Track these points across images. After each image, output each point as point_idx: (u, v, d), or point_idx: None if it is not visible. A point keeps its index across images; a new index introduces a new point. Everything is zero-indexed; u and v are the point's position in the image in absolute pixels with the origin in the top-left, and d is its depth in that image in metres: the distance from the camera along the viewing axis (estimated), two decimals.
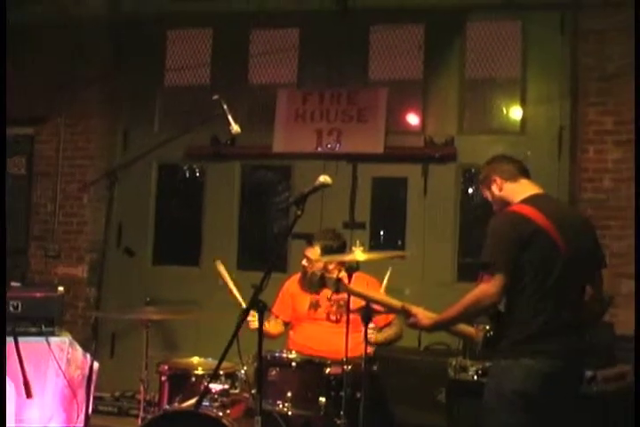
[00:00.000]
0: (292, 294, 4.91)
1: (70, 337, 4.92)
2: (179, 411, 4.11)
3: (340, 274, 4.58)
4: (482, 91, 6.52)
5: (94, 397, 4.81)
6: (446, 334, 3.82)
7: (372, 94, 6.44)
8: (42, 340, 4.69)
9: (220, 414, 3.97)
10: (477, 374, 4.50)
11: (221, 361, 3.42)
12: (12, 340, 3.97)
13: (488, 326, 3.40)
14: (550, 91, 6.20)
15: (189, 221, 7.05)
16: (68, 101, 6.90)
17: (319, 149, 6.46)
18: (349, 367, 4.03)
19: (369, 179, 6.52)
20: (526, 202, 3.46)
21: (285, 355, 4.20)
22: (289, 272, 5.72)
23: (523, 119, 6.32)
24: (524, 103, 6.31)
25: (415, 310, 3.49)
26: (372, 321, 4.17)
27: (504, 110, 6.45)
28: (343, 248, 4.78)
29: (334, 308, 4.71)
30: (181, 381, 4.31)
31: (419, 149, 6.41)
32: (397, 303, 3.61)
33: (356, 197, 6.47)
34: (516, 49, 6.34)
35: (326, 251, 4.71)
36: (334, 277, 4.63)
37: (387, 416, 4.67)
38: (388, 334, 4.68)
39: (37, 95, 6.90)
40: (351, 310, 4.10)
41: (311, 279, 4.82)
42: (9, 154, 6.50)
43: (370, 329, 4.16)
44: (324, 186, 3.53)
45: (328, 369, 4.10)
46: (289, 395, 4.07)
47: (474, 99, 6.49)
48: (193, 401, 3.95)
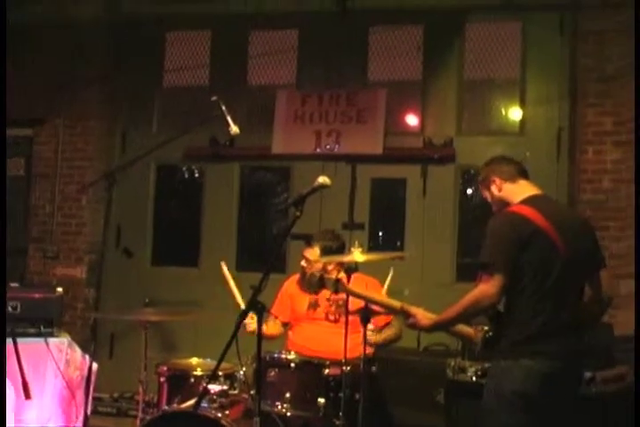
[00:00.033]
0: (290, 294, 4.91)
1: (69, 338, 4.91)
2: (178, 412, 4.11)
3: (339, 275, 4.58)
4: (481, 92, 6.52)
5: (93, 398, 4.82)
6: (445, 335, 3.82)
7: (371, 95, 6.45)
8: (40, 341, 4.68)
9: (219, 414, 3.98)
10: (476, 374, 4.50)
11: (220, 362, 3.42)
12: (10, 341, 3.97)
13: (487, 326, 3.40)
14: (549, 92, 6.20)
15: (188, 223, 7.05)
16: (66, 103, 6.90)
17: (318, 150, 6.46)
18: (348, 368, 4.03)
19: (368, 180, 6.52)
20: (525, 203, 3.46)
21: (284, 356, 4.20)
22: (288, 273, 5.71)
23: (522, 120, 6.33)
24: (523, 104, 6.31)
25: (414, 310, 3.49)
26: (371, 322, 4.17)
27: (503, 111, 6.45)
28: (342, 249, 4.78)
29: (333, 308, 4.70)
30: (180, 382, 4.30)
31: (418, 150, 6.42)
32: (396, 304, 3.60)
33: (355, 197, 6.47)
34: (515, 50, 6.34)
35: (325, 252, 4.70)
36: (333, 277, 4.62)
37: (386, 417, 4.67)
38: (387, 334, 4.66)
39: (36, 96, 6.89)
40: (350, 311, 4.09)
41: (310, 280, 4.82)
42: (8, 155, 6.49)
43: (369, 330, 4.16)
44: (322, 187, 3.53)
45: (327, 370, 4.09)
46: (288, 396, 4.06)
47: (473, 100, 6.50)
48: (192, 402, 3.96)
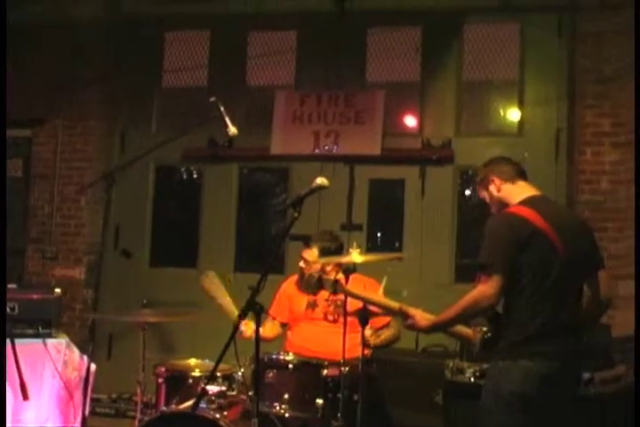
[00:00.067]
0: (289, 295, 4.91)
1: (67, 339, 4.90)
2: (176, 413, 4.10)
3: (338, 276, 4.58)
4: (479, 93, 6.53)
5: (91, 398, 4.81)
6: (444, 336, 3.82)
7: (369, 96, 6.45)
8: (39, 341, 4.67)
9: (217, 415, 3.96)
10: (474, 375, 4.49)
11: (218, 363, 3.42)
12: (8, 342, 3.96)
13: (486, 327, 3.40)
14: (548, 93, 6.21)
15: (187, 223, 7.04)
16: (65, 103, 6.90)
17: (316, 151, 6.46)
18: (347, 369, 4.03)
19: (366, 181, 6.52)
20: (524, 204, 3.46)
21: (282, 357, 4.19)
22: (286, 274, 5.71)
23: (520, 121, 6.33)
24: (521, 105, 6.32)
25: (413, 311, 3.49)
26: (369, 323, 4.16)
27: (501, 112, 6.46)
28: (340, 250, 4.78)
29: (332, 308, 4.70)
30: (178, 383, 4.30)
31: (416, 151, 6.42)
32: (395, 305, 3.60)
33: (353, 198, 6.47)
34: (514, 51, 6.35)
35: (324, 252, 4.70)
36: (332, 278, 4.63)
37: (384, 418, 4.67)
38: (385, 335, 4.66)
39: (35, 97, 6.89)
40: (348, 312, 4.09)
41: (308, 281, 4.82)
42: (7, 156, 6.48)
43: (367, 331, 4.16)
44: (320, 188, 3.53)
45: (325, 371, 4.08)
46: (286, 397, 4.05)
47: (471, 101, 6.50)
48: (190, 403, 3.96)
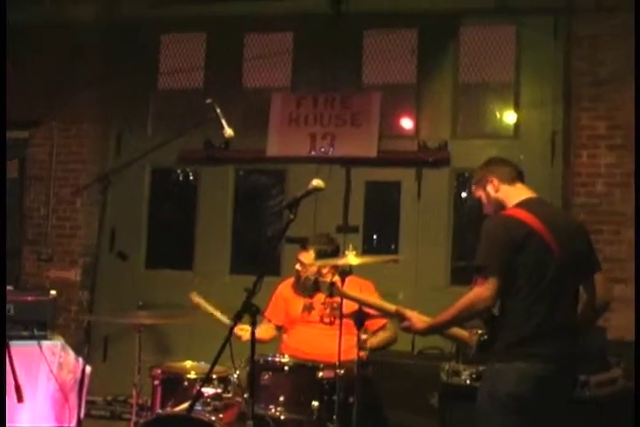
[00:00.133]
0: (285, 298, 4.90)
1: (62, 341, 4.90)
2: (171, 415, 4.10)
3: (334, 278, 4.57)
4: (475, 95, 6.53)
5: (86, 401, 4.80)
6: (440, 339, 3.82)
7: (365, 98, 6.45)
8: (34, 344, 4.66)
9: (213, 418, 3.97)
10: (470, 378, 4.50)
11: (214, 365, 3.42)
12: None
13: (482, 329, 3.40)
14: (544, 95, 6.21)
15: (182, 225, 7.03)
16: (61, 105, 6.90)
17: (313, 153, 6.46)
18: (342, 371, 4.02)
19: (362, 183, 6.52)
20: (521, 206, 3.47)
21: (278, 359, 4.20)
22: (282, 276, 5.71)
23: (516, 124, 6.33)
24: (517, 108, 6.32)
25: (409, 313, 3.49)
26: (366, 325, 4.16)
27: (497, 115, 6.46)
28: (337, 252, 4.78)
29: (328, 310, 4.70)
30: (174, 385, 4.30)
31: (412, 154, 6.42)
32: (391, 307, 3.60)
33: (349, 201, 6.47)
34: (510, 53, 6.35)
35: (320, 255, 4.70)
36: (328, 281, 4.62)
37: (380, 421, 4.67)
38: (381, 337, 4.66)
39: (31, 99, 6.88)
40: (344, 314, 4.09)
41: (305, 283, 4.82)
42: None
43: (362, 336, 4.15)
44: (316, 190, 3.53)
45: (321, 373, 4.09)
46: (281, 399, 4.06)
47: (467, 103, 6.50)
48: (186, 405, 3.95)
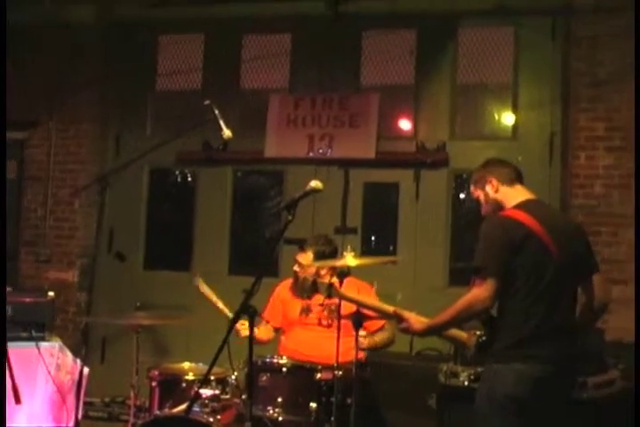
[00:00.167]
0: (282, 299, 4.90)
1: (60, 342, 4.89)
2: (169, 416, 4.10)
3: (332, 279, 4.57)
4: (473, 96, 6.53)
5: (84, 402, 4.81)
6: (438, 340, 3.81)
7: (363, 100, 6.45)
8: (32, 345, 4.67)
9: (211, 419, 3.97)
10: (468, 379, 4.49)
11: (212, 366, 3.41)
12: None
13: (481, 330, 3.40)
14: (542, 96, 6.21)
15: (181, 227, 7.03)
16: (59, 106, 6.89)
17: (311, 154, 6.45)
18: (340, 373, 4.02)
19: (360, 184, 6.52)
20: (519, 207, 3.47)
21: (276, 360, 4.20)
22: (280, 277, 5.70)
23: (514, 125, 6.33)
24: (515, 109, 6.32)
25: (407, 314, 3.49)
26: (363, 326, 4.16)
27: (496, 116, 6.46)
28: (335, 253, 4.78)
29: (326, 313, 4.70)
30: (172, 386, 4.30)
31: (410, 155, 6.42)
32: (389, 308, 3.60)
33: (347, 202, 6.47)
34: (508, 54, 6.35)
35: (319, 256, 4.70)
36: (326, 282, 4.62)
37: (378, 422, 4.66)
38: (379, 338, 4.67)
39: (29, 99, 6.88)
40: (342, 315, 4.09)
41: (303, 285, 4.82)
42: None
43: (360, 337, 4.15)
44: (314, 191, 3.53)
45: (319, 375, 4.09)
46: (279, 400, 4.06)
47: (465, 104, 6.50)
48: (183, 407, 3.96)
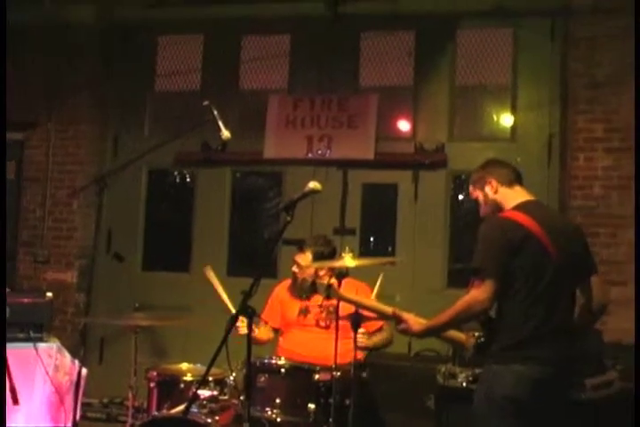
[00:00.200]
0: (281, 300, 4.90)
1: (58, 343, 4.89)
2: (167, 417, 4.10)
3: (331, 280, 4.57)
4: (472, 97, 6.53)
5: (82, 403, 4.78)
6: (436, 341, 3.82)
7: (362, 101, 6.45)
8: (30, 346, 4.66)
9: (209, 420, 3.97)
10: (467, 380, 4.49)
11: (210, 367, 3.41)
12: None
13: (479, 332, 3.40)
14: (540, 97, 6.21)
15: (179, 227, 7.02)
16: (58, 106, 6.89)
17: (310, 155, 6.45)
18: (338, 374, 4.02)
19: (359, 185, 6.52)
20: (518, 208, 3.47)
21: (274, 361, 4.19)
22: (279, 278, 5.71)
23: (513, 126, 6.34)
24: (514, 110, 6.32)
25: (406, 315, 3.49)
26: (362, 327, 4.16)
27: (494, 117, 6.46)
28: (333, 254, 4.78)
29: (324, 314, 4.70)
30: (170, 387, 4.29)
31: (409, 156, 6.42)
32: (388, 309, 3.60)
33: (346, 203, 6.46)
34: (507, 56, 6.35)
35: (317, 257, 4.70)
36: (325, 282, 4.62)
37: (376, 423, 4.66)
38: (377, 339, 4.67)
39: (28, 100, 6.87)
40: (340, 316, 4.09)
41: (302, 285, 4.82)
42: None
43: (360, 334, 4.15)
44: (313, 192, 3.53)
45: (317, 376, 4.08)
46: (278, 401, 4.06)
47: (464, 105, 6.50)
48: (182, 407, 3.95)
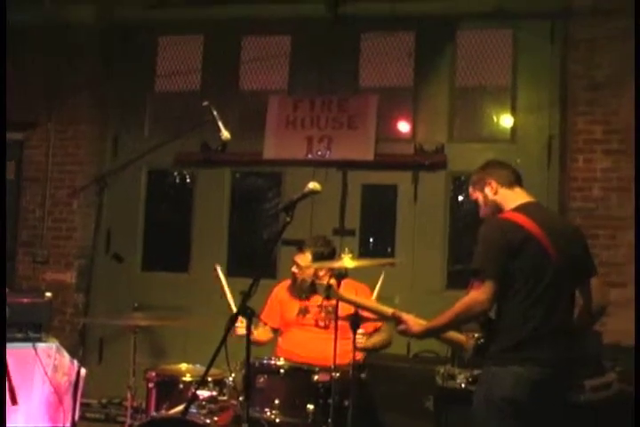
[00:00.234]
0: (280, 300, 4.90)
1: (57, 343, 4.88)
2: (166, 418, 4.09)
3: (331, 280, 4.57)
4: (472, 99, 6.53)
5: (81, 403, 4.79)
6: (435, 342, 3.82)
7: (362, 101, 6.45)
8: (29, 346, 4.66)
9: (208, 421, 3.97)
10: (465, 381, 4.49)
11: (209, 368, 3.42)
12: None
13: (479, 333, 3.40)
14: (540, 99, 6.21)
15: (179, 228, 7.01)
16: (58, 107, 6.88)
17: (309, 156, 6.45)
18: (337, 375, 4.02)
19: (359, 186, 6.52)
20: (518, 210, 3.47)
21: (273, 362, 4.19)
22: (278, 278, 5.71)
23: (513, 127, 6.34)
24: (514, 111, 6.32)
25: (406, 316, 3.49)
26: (361, 328, 4.16)
27: (494, 118, 6.46)
28: (333, 255, 4.78)
29: (323, 314, 4.70)
30: (169, 387, 4.29)
31: (409, 157, 6.42)
32: (388, 310, 3.60)
33: (345, 204, 6.46)
34: (507, 57, 6.36)
35: (317, 257, 4.70)
36: (325, 283, 4.62)
37: (375, 424, 4.66)
38: (376, 340, 4.66)
39: (27, 100, 6.87)
40: (340, 317, 4.08)
41: (302, 285, 4.82)
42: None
43: (358, 335, 4.15)
44: (313, 193, 3.54)
45: (316, 376, 4.08)
46: (277, 402, 4.05)
47: (464, 106, 6.50)
48: (180, 408, 3.95)
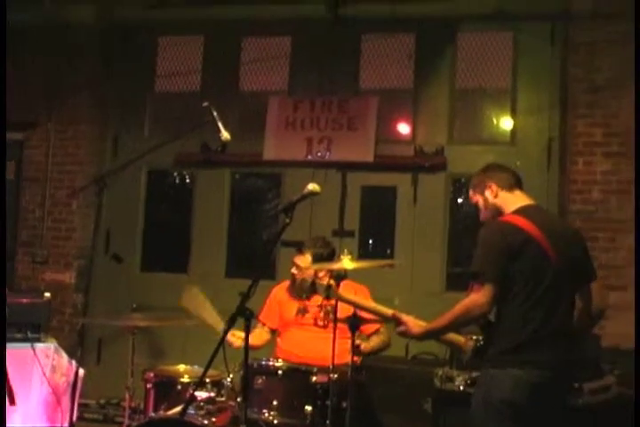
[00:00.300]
0: (279, 301, 4.90)
1: (56, 343, 4.89)
2: (164, 419, 4.09)
3: (330, 281, 4.56)
4: (472, 101, 6.53)
5: (79, 404, 4.80)
6: (434, 344, 3.82)
7: (362, 103, 6.45)
8: (27, 346, 4.66)
9: (206, 422, 3.96)
10: (464, 384, 4.48)
11: (207, 369, 3.41)
12: None
13: (478, 335, 3.40)
14: (540, 101, 6.22)
15: (178, 228, 7.02)
16: (58, 107, 6.89)
17: (309, 157, 6.45)
18: (336, 376, 4.01)
19: (358, 187, 6.52)
20: (518, 212, 3.47)
21: (271, 363, 4.18)
22: (277, 280, 5.70)
23: (513, 130, 6.34)
24: (514, 114, 6.33)
25: (405, 318, 3.49)
26: (360, 330, 4.15)
27: (494, 120, 6.46)
28: (332, 256, 4.77)
29: (322, 313, 4.69)
30: (167, 388, 4.29)
31: (409, 159, 6.42)
32: (388, 311, 3.60)
33: (345, 205, 6.46)
34: (507, 59, 6.36)
35: (317, 258, 4.70)
36: (325, 283, 4.61)
37: (373, 425, 4.65)
38: (375, 342, 4.66)
39: (27, 100, 6.87)
40: (338, 318, 4.08)
41: (302, 285, 4.81)
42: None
43: (357, 338, 4.15)
44: (312, 194, 3.54)
45: (314, 378, 4.08)
46: (275, 403, 4.05)
47: (464, 108, 6.50)
48: (179, 409, 3.94)
